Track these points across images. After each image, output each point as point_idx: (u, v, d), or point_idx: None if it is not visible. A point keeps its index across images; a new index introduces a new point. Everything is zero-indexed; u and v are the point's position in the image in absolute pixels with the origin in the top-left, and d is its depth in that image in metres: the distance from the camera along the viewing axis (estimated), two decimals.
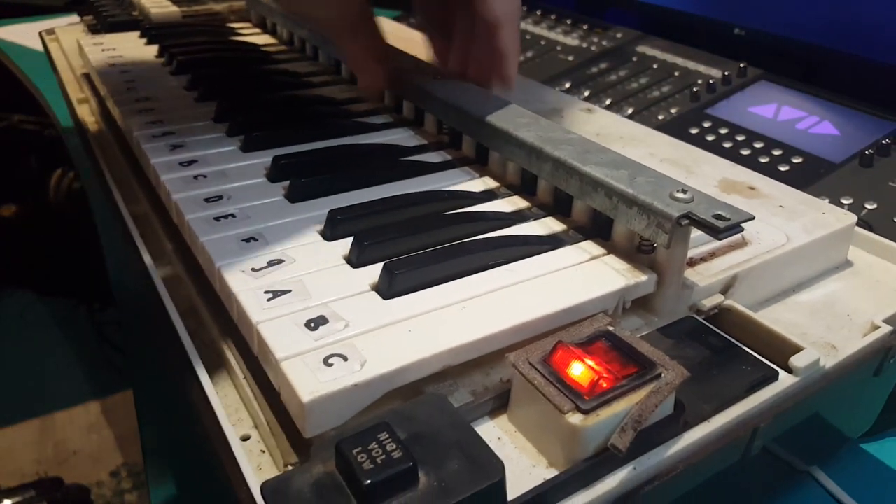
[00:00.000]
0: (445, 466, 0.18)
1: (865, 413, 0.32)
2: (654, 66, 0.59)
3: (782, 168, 0.45)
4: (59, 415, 0.92)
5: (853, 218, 0.31)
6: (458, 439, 0.18)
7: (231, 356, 0.26)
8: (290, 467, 0.20)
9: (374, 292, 0.24)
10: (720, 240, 0.25)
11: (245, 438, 0.22)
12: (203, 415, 0.23)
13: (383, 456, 0.17)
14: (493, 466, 0.18)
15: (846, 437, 0.33)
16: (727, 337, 0.25)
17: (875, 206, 0.40)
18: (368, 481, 0.17)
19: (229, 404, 0.24)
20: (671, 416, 0.21)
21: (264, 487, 0.17)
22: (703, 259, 0.28)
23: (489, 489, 0.17)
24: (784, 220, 0.30)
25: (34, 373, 0.93)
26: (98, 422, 0.92)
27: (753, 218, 0.24)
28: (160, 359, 0.45)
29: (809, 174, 0.44)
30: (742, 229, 0.24)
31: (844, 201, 0.41)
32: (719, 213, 0.24)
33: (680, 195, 0.25)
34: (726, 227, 0.24)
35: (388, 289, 0.24)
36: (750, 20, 0.58)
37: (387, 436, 0.18)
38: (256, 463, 0.21)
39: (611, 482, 0.20)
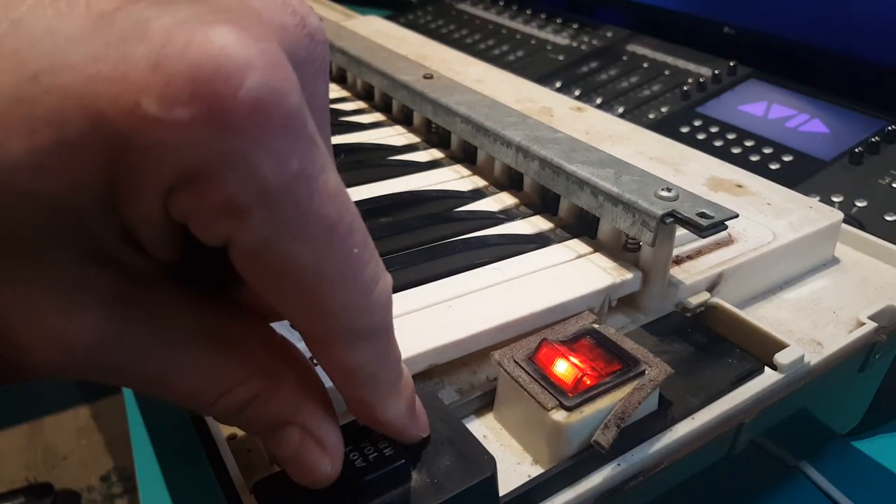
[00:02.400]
0: (437, 463, 0.18)
1: (853, 409, 0.32)
2: (645, 64, 0.60)
3: (773, 166, 0.45)
4: (47, 419, 0.92)
5: (840, 215, 0.31)
6: (450, 435, 0.18)
7: None
8: (276, 467, 0.20)
9: None
10: (704, 238, 0.25)
11: (231, 438, 0.22)
12: (190, 415, 0.23)
13: (375, 454, 0.17)
14: (485, 462, 0.18)
15: (834, 432, 0.33)
16: (713, 331, 0.25)
17: (865, 203, 0.40)
18: (361, 479, 0.17)
19: None
20: (656, 412, 0.21)
21: (257, 487, 0.17)
22: (690, 257, 0.28)
23: (481, 484, 0.17)
24: (771, 217, 0.31)
25: None
26: (87, 426, 0.91)
27: (737, 216, 0.24)
28: None
29: (800, 172, 0.44)
30: (726, 227, 0.24)
31: (835, 199, 0.41)
32: (703, 211, 0.24)
33: (664, 193, 0.25)
34: (710, 225, 0.24)
35: None
36: (739, 19, 0.58)
37: (378, 434, 0.18)
38: (243, 462, 0.21)
39: (595, 479, 0.20)
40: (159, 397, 0.14)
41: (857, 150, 0.44)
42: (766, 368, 0.24)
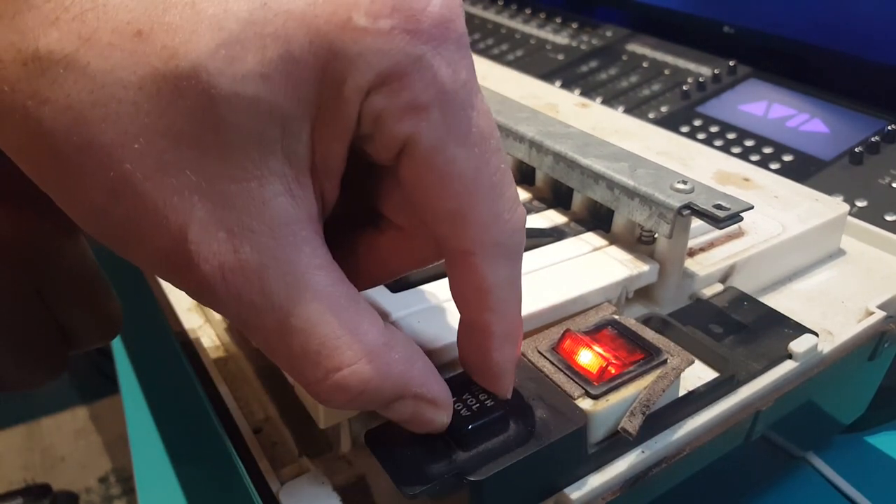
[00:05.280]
0: (531, 415, 0.19)
1: (858, 399, 0.32)
2: (644, 64, 0.60)
3: (773, 166, 0.46)
4: (45, 420, 0.91)
5: (846, 207, 0.32)
6: (539, 392, 0.20)
7: (239, 351, 0.26)
8: (304, 457, 0.20)
9: (382, 286, 0.24)
10: (721, 229, 0.25)
11: (257, 431, 0.22)
12: (215, 410, 0.23)
13: (477, 405, 0.18)
14: (577, 415, 0.19)
15: (840, 423, 0.34)
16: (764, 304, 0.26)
17: (865, 203, 0.41)
18: (466, 427, 0.18)
19: (240, 397, 0.24)
20: (679, 399, 0.22)
21: (369, 434, 0.18)
22: (702, 249, 0.28)
23: (574, 434, 0.19)
24: (779, 210, 0.31)
25: None
26: (86, 427, 0.91)
27: (752, 207, 0.25)
28: (157, 359, 0.45)
29: (800, 172, 0.44)
30: (742, 218, 0.25)
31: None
32: (719, 203, 0.25)
33: (680, 186, 0.25)
34: (727, 216, 0.24)
35: (396, 282, 0.24)
36: (739, 18, 0.59)
37: (478, 386, 0.19)
38: (269, 455, 0.21)
39: (621, 465, 0.20)
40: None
41: (857, 149, 0.44)
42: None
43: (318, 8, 0.12)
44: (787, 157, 0.46)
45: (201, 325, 0.28)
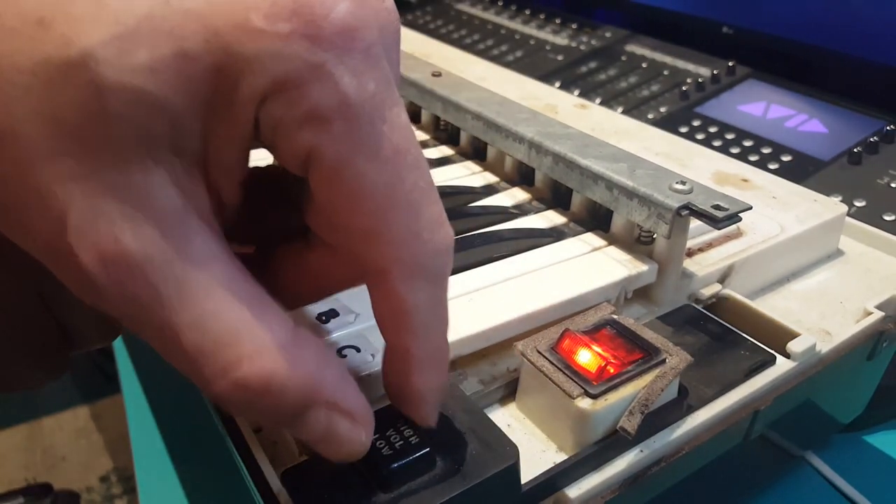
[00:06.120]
0: (461, 451, 0.18)
1: (857, 398, 0.32)
2: (643, 65, 0.60)
3: (772, 166, 0.46)
4: (46, 420, 0.91)
5: (844, 208, 0.32)
6: (472, 425, 0.19)
7: None
8: (304, 457, 0.21)
9: None
10: (719, 229, 0.25)
11: (258, 430, 0.22)
12: (216, 408, 0.23)
13: (401, 442, 0.18)
14: (508, 450, 0.18)
15: (839, 422, 0.34)
16: (725, 324, 0.26)
17: (864, 203, 0.41)
18: (388, 466, 0.17)
19: None
20: (675, 400, 0.22)
21: (285, 475, 0.17)
22: (701, 249, 0.29)
23: (504, 472, 0.18)
24: (777, 210, 0.31)
25: None
26: (87, 426, 0.91)
27: (751, 208, 0.25)
28: (158, 359, 0.45)
29: (798, 172, 0.45)
30: (740, 219, 0.25)
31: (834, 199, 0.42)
32: (718, 203, 0.25)
33: (679, 186, 0.26)
34: (725, 216, 0.24)
35: None
36: (738, 18, 0.59)
37: (403, 422, 0.18)
38: (270, 454, 0.21)
39: (619, 464, 0.20)
40: (165, 352, 0.14)
41: (855, 149, 0.44)
42: (780, 357, 0.24)
43: (218, 7, 0.12)
44: (786, 158, 0.46)
45: None
